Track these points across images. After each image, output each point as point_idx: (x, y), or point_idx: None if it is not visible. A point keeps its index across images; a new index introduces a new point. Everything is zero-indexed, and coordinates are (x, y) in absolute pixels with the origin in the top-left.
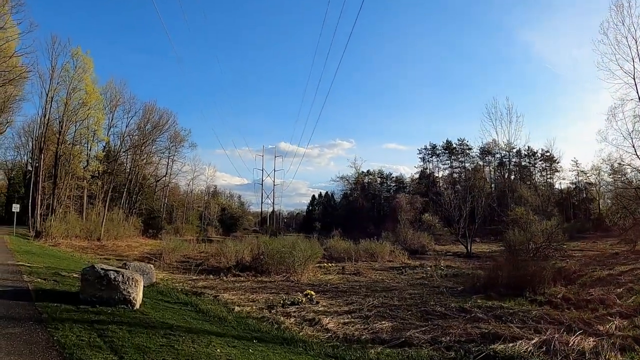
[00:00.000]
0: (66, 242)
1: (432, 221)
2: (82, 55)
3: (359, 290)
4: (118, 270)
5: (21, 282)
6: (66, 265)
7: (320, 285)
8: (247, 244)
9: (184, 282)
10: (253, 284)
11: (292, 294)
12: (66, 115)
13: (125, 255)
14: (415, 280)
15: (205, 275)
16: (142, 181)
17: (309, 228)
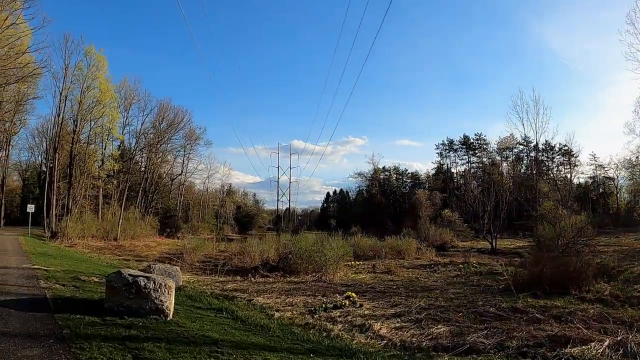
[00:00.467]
0: (83, 243)
1: (452, 217)
2: (96, 53)
3: (398, 291)
4: (148, 277)
5: (38, 289)
6: (85, 268)
7: (354, 285)
8: (271, 243)
9: (212, 285)
10: (284, 285)
11: (329, 296)
12: (80, 114)
13: (144, 256)
14: (452, 278)
15: (232, 276)
16: (158, 180)
17: (323, 225)
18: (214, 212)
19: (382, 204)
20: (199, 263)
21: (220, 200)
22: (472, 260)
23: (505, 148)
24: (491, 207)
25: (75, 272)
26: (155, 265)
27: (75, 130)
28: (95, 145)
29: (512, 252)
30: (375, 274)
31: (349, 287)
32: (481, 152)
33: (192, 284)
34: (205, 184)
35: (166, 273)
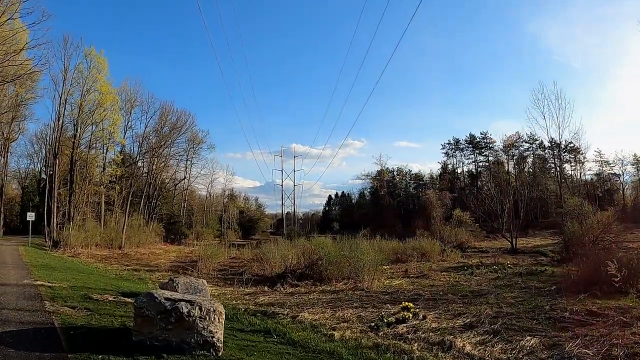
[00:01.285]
0: (86, 252)
1: (463, 217)
2: (96, 55)
3: (449, 297)
4: (192, 301)
5: (43, 314)
6: (94, 282)
7: (396, 292)
8: (290, 248)
9: (241, 298)
10: (320, 295)
11: (379, 307)
12: (81, 118)
13: (154, 265)
14: (493, 281)
15: (258, 286)
16: (161, 185)
17: (326, 228)
18: (218, 218)
19: (391, 205)
20: (215, 272)
21: (223, 205)
22: (506, 261)
23: (511, 146)
24: (510, 206)
25: (84, 289)
26: (179, 279)
27: (75, 134)
28: (96, 150)
29: (533, 251)
30: (410, 279)
31: (391, 294)
32: (487, 150)
33: (219, 298)
34: (209, 189)
35: (192, 288)
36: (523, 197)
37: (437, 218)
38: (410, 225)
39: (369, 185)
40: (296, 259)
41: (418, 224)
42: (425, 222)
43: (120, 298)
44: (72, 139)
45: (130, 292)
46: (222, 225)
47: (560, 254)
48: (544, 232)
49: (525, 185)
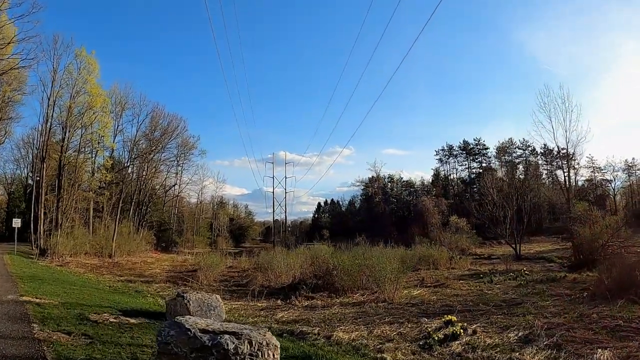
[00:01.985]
0: (75, 261)
1: (460, 223)
2: (87, 56)
3: (483, 308)
4: (239, 333)
5: (32, 344)
6: (88, 297)
7: (422, 304)
8: (296, 258)
9: (257, 315)
10: (342, 309)
11: (415, 321)
12: (70, 121)
13: (148, 275)
14: (518, 289)
15: (270, 300)
16: (151, 191)
17: (316, 236)
18: (208, 225)
19: (385, 212)
20: (217, 283)
21: (214, 213)
22: (522, 268)
23: (504, 152)
24: (513, 212)
25: (79, 306)
26: (189, 295)
27: (64, 138)
28: (85, 154)
29: (537, 257)
30: (429, 288)
31: (418, 306)
32: (481, 157)
33: (232, 315)
34: (199, 196)
35: (205, 305)
36: (526, 203)
37: (436, 225)
38: (406, 232)
39: (360, 192)
40: (304, 269)
41: (414, 230)
42: (421, 229)
43: (122, 318)
44: (61, 143)
45: (131, 310)
46: (212, 232)
47: (569, 259)
48: (543, 238)
49: (528, 191)
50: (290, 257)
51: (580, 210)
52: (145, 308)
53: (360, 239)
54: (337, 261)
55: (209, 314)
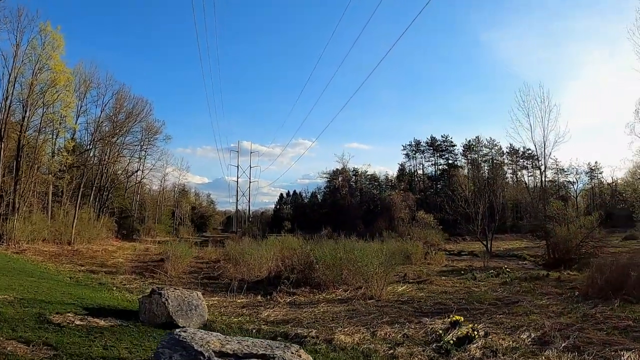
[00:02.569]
0: (33, 248)
1: (427, 219)
2: (52, 31)
3: (478, 306)
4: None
5: None
6: (48, 291)
7: (412, 301)
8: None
9: (239, 313)
10: (330, 306)
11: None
12: (31, 98)
13: (111, 265)
14: (504, 286)
15: (249, 295)
16: (113, 177)
17: (277, 227)
18: (170, 213)
19: (352, 205)
20: (186, 275)
21: (176, 201)
22: (501, 265)
23: (469, 150)
24: (485, 208)
25: (38, 303)
26: (167, 293)
27: (24, 116)
28: (46, 135)
29: (508, 255)
30: (412, 284)
31: (410, 304)
32: (448, 154)
33: (212, 313)
34: (162, 183)
35: (185, 303)
36: (497, 200)
37: (404, 219)
38: (372, 225)
39: (325, 184)
40: (281, 262)
41: (381, 224)
42: (388, 223)
43: (90, 320)
44: (20, 122)
45: (98, 308)
46: (175, 221)
47: (542, 257)
48: (508, 236)
49: (500, 188)
50: (262, 248)
51: (555, 210)
52: (113, 305)
53: (326, 231)
54: (318, 254)
55: (189, 314)
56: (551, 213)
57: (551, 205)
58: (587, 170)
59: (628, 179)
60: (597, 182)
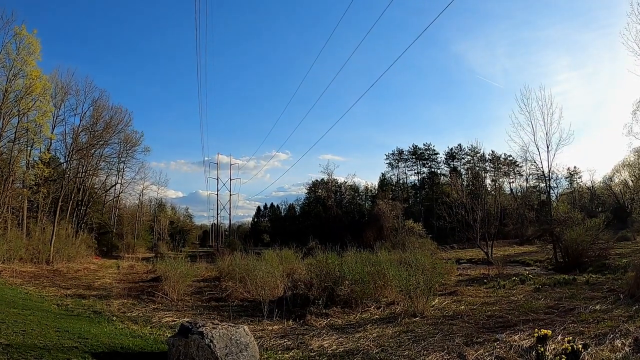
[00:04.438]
0: (9, 268)
1: (416, 228)
2: (28, 35)
3: (535, 317)
4: None
5: None
6: (37, 327)
7: (461, 316)
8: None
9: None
10: (380, 327)
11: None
12: (5, 107)
13: (99, 287)
14: (537, 293)
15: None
16: (91, 190)
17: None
18: (148, 228)
19: (339, 216)
20: (189, 297)
21: (154, 215)
22: (523, 272)
23: (452, 157)
24: (483, 215)
25: (31, 351)
26: (210, 331)
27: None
28: (20, 145)
29: (510, 261)
30: (444, 296)
31: (461, 319)
32: (430, 162)
33: (262, 352)
34: (141, 197)
35: (233, 343)
36: (495, 206)
37: (397, 229)
38: (360, 236)
39: (304, 196)
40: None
41: (370, 235)
42: (377, 233)
43: None
44: None
45: (109, 353)
46: (154, 236)
47: (550, 262)
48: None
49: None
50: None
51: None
52: (127, 346)
53: (313, 244)
54: (346, 268)
55: (240, 356)
56: (559, 217)
57: (557, 209)
58: (567, 175)
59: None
60: (577, 186)
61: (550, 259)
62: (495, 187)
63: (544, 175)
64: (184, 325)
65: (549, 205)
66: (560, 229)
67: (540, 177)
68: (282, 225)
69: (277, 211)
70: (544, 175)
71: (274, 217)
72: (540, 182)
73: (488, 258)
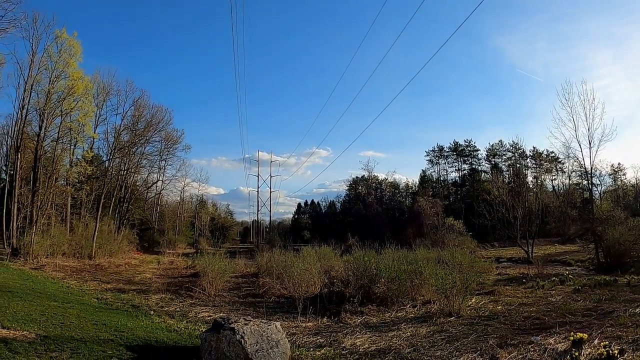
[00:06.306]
0: (52, 263)
1: (457, 225)
2: (68, 37)
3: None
4: None
5: None
6: (76, 321)
7: (497, 317)
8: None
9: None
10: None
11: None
12: (48, 107)
13: (139, 282)
14: (579, 294)
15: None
16: (133, 187)
17: (296, 237)
18: (189, 224)
19: (379, 213)
20: (227, 293)
21: (195, 212)
22: (563, 272)
23: (494, 154)
24: (525, 212)
25: (67, 342)
26: (241, 327)
27: (41, 126)
28: (63, 144)
29: (552, 261)
30: (480, 297)
31: (497, 320)
32: (471, 158)
33: (294, 349)
34: (182, 194)
35: (264, 339)
36: (536, 204)
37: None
38: (400, 233)
39: (344, 193)
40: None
41: (410, 232)
42: (417, 231)
43: None
44: (38, 130)
45: (143, 346)
46: (195, 232)
47: (591, 262)
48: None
49: (538, 192)
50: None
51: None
52: (161, 340)
53: (352, 241)
54: (382, 266)
55: (271, 353)
56: (602, 216)
57: (600, 207)
58: (610, 172)
59: None
60: (621, 184)
61: (591, 258)
62: (537, 185)
63: (586, 172)
64: (217, 320)
65: (591, 203)
66: (602, 228)
67: (582, 174)
68: (322, 222)
69: (317, 208)
70: (586, 173)
71: (314, 213)
72: (582, 180)
73: (528, 257)
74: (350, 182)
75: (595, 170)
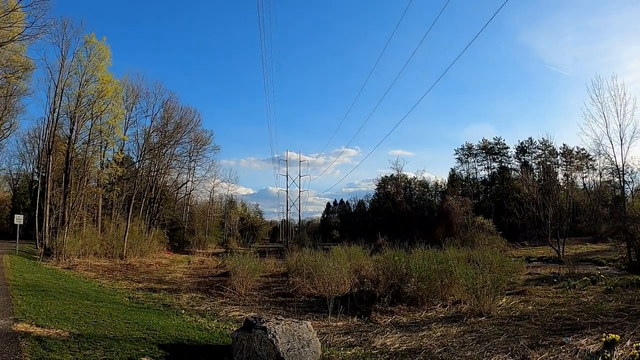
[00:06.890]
0: (84, 263)
1: (487, 224)
2: (97, 42)
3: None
4: None
5: None
6: (108, 318)
7: (528, 317)
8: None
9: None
10: (442, 327)
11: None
12: (79, 111)
13: (169, 281)
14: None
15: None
16: (163, 188)
17: (325, 237)
18: (219, 224)
19: (408, 212)
20: (257, 292)
21: (225, 212)
22: (594, 271)
23: (523, 152)
24: (555, 211)
25: (100, 340)
26: (273, 326)
27: (72, 129)
28: (94, 146)
29: (581, 260)
30: (511, 296)
31: (527, 320)
32: (501, 157)
33: (325, 348)
34: (211, 194)
35: (296, 339)
36: (567, 202)
37: (467, 225)
38: (429, 232)
39: (373, 192)
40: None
41: (439, 231)
42: (446, 230)
43: None
44: (69, 133)
45: (175, 345)
46: (224, 232)
47: (624, 261)
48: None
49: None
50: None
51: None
52: (193, 339)
53: (382, 240)
54: (413, 265)
55: (302, 352)
56: (635, 214)
57: (632, 206)
58: None
59: None
60: None
61: (623, 258)
62: (568, 182)
63: (618, 170)
64: (248, 320)
65: (622, 201)
66: (635, 227)
67: (614, 172)
68: (352, 221)
69: (346, 207)
70: (617, 170)
71: (343, 213)
72: (614, 177)
73: (559, 256)
74: (379, 181)
75: (627, 167)
